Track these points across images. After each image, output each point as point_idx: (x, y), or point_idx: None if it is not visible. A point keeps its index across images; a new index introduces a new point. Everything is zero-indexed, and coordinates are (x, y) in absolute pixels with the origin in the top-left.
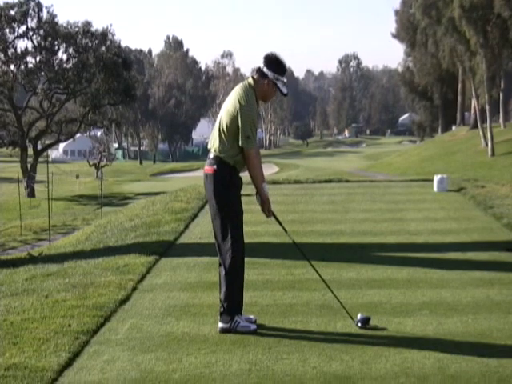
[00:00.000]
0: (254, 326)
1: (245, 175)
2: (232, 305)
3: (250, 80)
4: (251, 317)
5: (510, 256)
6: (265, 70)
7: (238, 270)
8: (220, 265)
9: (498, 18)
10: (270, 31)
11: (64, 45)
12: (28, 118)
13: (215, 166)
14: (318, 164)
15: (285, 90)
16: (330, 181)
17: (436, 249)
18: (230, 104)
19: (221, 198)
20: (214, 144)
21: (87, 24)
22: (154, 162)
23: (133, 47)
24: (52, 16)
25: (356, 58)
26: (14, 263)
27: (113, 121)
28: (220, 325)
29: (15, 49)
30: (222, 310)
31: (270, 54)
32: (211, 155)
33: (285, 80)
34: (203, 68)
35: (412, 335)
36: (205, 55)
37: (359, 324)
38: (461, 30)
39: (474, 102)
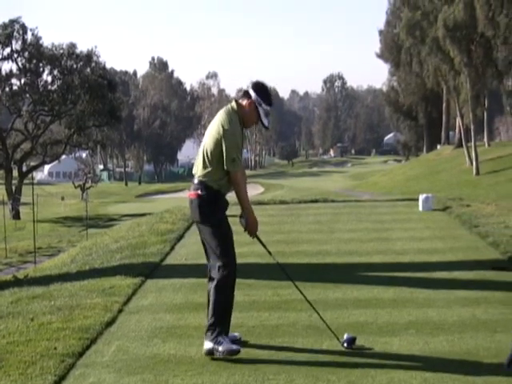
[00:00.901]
0: (236, 347)
1: (230, 195)
2: (218, 320)
3: (234, 104)
4: (236, 334)
5: (496, 275)
6: (250, 91)
7: (228, 288)
8: (210, 279)
9: (482, 38)
10: (255, 52)
11: (49, 67)
12: (13, 140)
13: (199, 191)
14: (303, 184)
15: (266, 122)
16: (315, 201)
17: (422, 268)
18: (213, 129)
19: (208, 220)
20: (198, 169)
21: (72, 46)
22: (140, 183)
23: (118, 68)
24: (37, 38)
25: (341, 77)
26: None
27: (98, 142)
28: (206, 345)
29: (0, 71)
30: (208, 326)
31: (259, 81)
32: (195, 180)
33: (268, 109)
34: (188, 89)
35: (398, 355)
36: (190, 76)
37: (345, 344)
38: (445, 49)
39: (458, 121)
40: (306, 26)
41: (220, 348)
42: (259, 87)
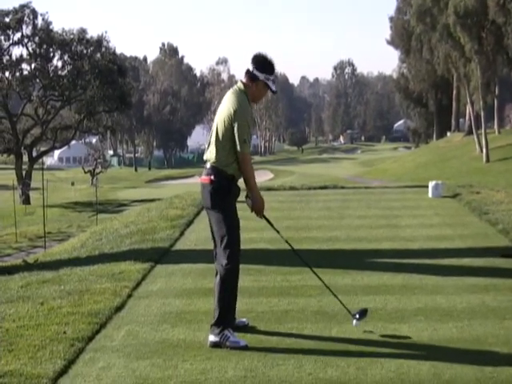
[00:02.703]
0: (243, 342)
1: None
2: (223, 315)
3: (240, 84)
4: (244, 320)
5: (505, 262)
6: (255, 72)
7: (233, 279)
8: (217, 274)
9: (493, 24)
10: (264, 38)
11: (59, 52)
12: (23, 125)
13: (212, 176)
14: (313, 170)
15: (274, 88)
16: (325, 187)
17: (431, 255)
18: (223, 112)
19: (218, 207)
20: (210, 154)
21: (82, 31)
22: (149, 168)
23: (128, 54)
24: (47, 23)
25: (351, 64)
26: (10, 270)
27: (108, 128)
28: (210, 338)
29: (10, 56)
30: (214, 321)
31: (258, 54)
32: (208, 165)
33: (273, 78)
34: (198, 75)
35: (407, 341)
36: (200, 62)
37: (357, 316)
38: (455, 36)
39: (468, 108)
40: (317, 13)
41: (227, 343)
42: (260, 62)
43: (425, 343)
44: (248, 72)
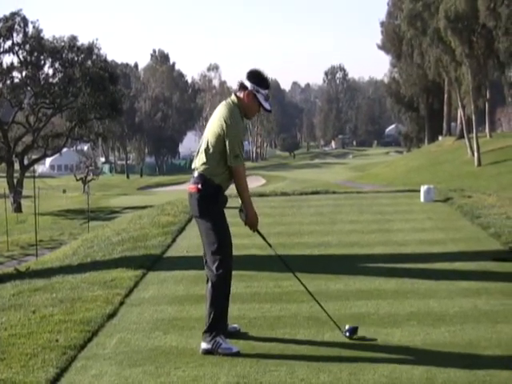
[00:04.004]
0: (235, 349)
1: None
2: (215, 322)
3: (233, 97)
4: (235, 325)
5: (497, 265)
6: (245, 82)
7: (224, 286)
8: (208, 281)
9: (483, 28)
10: (256, 44)
11: (50, 59)
12: (14, 133)
13: (199, 185)
14: (304, 176)
15: (267, 106)
16: (317, 192)
17: (423, 259)
18: (215, 124)
19: (207, 215)
20: (198, 163)
21: (73, 38)
22: (141, 175)
23: (119, 61)
24: (38, 31)
25: (342, 69)
26: (1, 279)
27: (99, 135)
28: (202, 345)
29: (1, 64)
30: (205, 328)
31: (251, 69)
32: (195, 173)
33: (266, 93)
34: (190, 81)
35: (400, 346)
36: (191, 68)
37: (347, 334)
38: (446, 40)
39: (460, 112)
40: (307, 18)
41: (219, 350)
42: (253, 74)
43: (417, 347)
44: (240, 83)
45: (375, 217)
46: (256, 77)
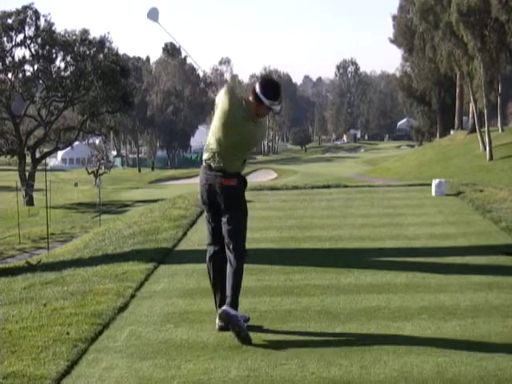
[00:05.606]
0: (246, 316)
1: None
2: (235, 300)
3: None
4: (245, 315)
5: (509, 260)
6: (262, 97)
7: (243, 270)
8: (210, 260)
9: (496, 22)
10: (267, 38)
11: (62, 53)
12: (26, 127)
13: (235, 178)
14: (316, 170)
15: (277, 109)
16: (328, 186)
17: (434, 253)
18: (247, 136)
19: (242, 206)
20: (225, 164)
21: (85, 32)
22: (153, 169)
23: (131, 55)
24: (49, 24)
25: (354, 63)
26: (13, 271)
27: (111, 128)
28: (224, 307)
29: (13, 57)
30: (228, 299)
31: (266, 78)
32: (226, 169)
33: (270, 102)
34: (201, 75)
35: (411, 340)
36: (203, 62)
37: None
38: (458, 34)
39: (472, 106)
40: (319, 12)
41: (238, 324)
42: (268, 87)
43: (428, 341)
44: (254, 93)
45: (386, 211)
46: (271, 91)
